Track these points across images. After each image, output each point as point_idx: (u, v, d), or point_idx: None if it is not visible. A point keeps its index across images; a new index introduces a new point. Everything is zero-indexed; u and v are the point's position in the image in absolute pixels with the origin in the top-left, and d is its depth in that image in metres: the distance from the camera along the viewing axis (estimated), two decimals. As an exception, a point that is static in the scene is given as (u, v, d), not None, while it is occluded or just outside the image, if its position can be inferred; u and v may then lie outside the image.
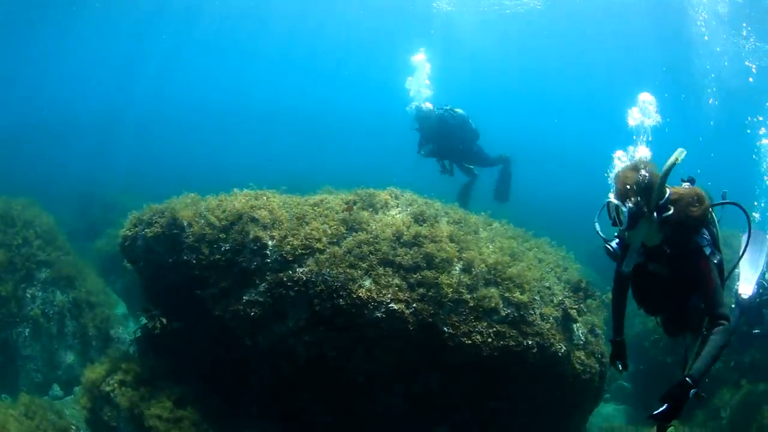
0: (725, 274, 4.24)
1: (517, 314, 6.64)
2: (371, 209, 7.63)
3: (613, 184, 4.03)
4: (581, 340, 7.18)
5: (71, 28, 30.66)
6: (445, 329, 6.42)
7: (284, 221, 7.19)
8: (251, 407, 7.30)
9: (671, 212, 3.87)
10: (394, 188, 8.20)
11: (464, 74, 33.64)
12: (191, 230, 7.40)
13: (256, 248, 6.99)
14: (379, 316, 6.38)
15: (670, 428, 3.71)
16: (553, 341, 6.69)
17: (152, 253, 7.75)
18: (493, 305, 6.58)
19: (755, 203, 11.06)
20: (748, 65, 17.53)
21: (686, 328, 4.36)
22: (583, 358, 7.07)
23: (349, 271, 6.60)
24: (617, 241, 4.13)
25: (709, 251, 3.99)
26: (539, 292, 7.02)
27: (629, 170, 3.93)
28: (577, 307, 7.27)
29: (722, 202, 4.30)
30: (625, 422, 10.55)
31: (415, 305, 6.45)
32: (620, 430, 9.12)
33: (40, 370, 9.75)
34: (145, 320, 8.02)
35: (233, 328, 6.93)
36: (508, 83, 40.45)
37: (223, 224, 7.30)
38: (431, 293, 6.54)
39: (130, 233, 8.12)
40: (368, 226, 7.21)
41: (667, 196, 3.89)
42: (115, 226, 15.62)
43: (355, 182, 8.46)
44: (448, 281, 6.61)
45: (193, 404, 7.03)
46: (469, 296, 6.58)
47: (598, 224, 4.19)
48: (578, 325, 7.24)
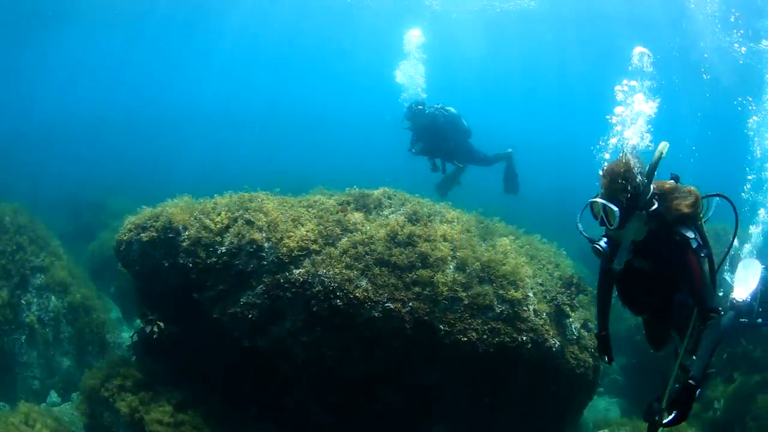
0: (714, 267, 4.19)
1: (511, 311, 6.74)
2: (365, 210, 7.71)
3: (600, 181, 3.96)
4: (574, 335, 7.29)
5: (60, 31, 30.44)
6: (441, 327, 6.51)
7: (280, 223, 7.24)
8: (250, 409, 7.35)
9: (657, 206, 3.88)
10: (386, 188, 8.28)
11: (455, 72, 33.71)
12: (187, 234, 7.43)
13: (252, 251, 7.04)
14: (376, 315, 6.46)
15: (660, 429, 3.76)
16: (547, 337, 6.80)
17: (148, 257, 7.74)
18: (487, 302, 6.68)
19: (746, 186, 11.15)
20: (736, 49, 17.62)
21: (673, 326, 4.33)
22: (576, 352, 7.18)
23: (345, 271, 6.68)
24: (605, 240, 4.05)
25: (695, 245, 3.92)
26: (532, 288, 7.13)
27: (616, 167, 3.86)
28: (569, 302, 7.39)
29: (710, 194, 4.23)
30: (619, 415, 10.64)
31: (411, 304, 6.53)
32: (615, 423, 9.23)
33: (37, 376, 9.65)
34: (141, 324, 8.00)
35: (231, 330, 6.97)
36: (499, 79, 40.53)
37: (218, 227, 7.34)
38: (427, 292, 6.63)
39: (125, 237, 8.03)
40: (363, 226, 7.30)
41: (652, 191, 3.91)
42: (106, 228, 15.47)
43: (347, 182, 8.52)
44: (443, 280, 6.70)
45: (193, 408, 7.05)
46: (463, 294, 6.68)
47: (580, 224, 4.20)
48: (571, 320, 7.35)
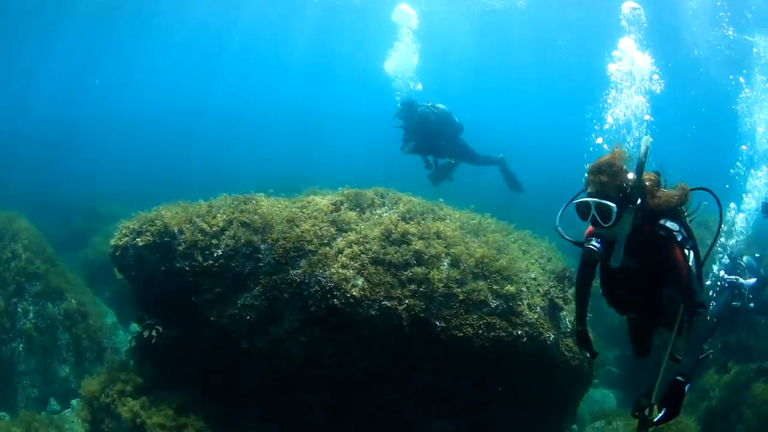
0: (700, 259, 4.17)
1: (505, 306, 6.82)
2: (359, 209, 7.77)
3: (587, 179, 3.91)
4: (568, 327, 7.37)
5: (52, 34, 30.22)
6: (437, 323, 6.58)
7: (275, 225, 7.30)
8: (251, 410, 7.40)
9: (642, 200, 3.84)
10: (378, 187, 8.34)
11: (442, 69, 33.76)
12: (183, 237, 7.47)
13: (248, 252, 7.09)
14: (372, 313, 6.53)
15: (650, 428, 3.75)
16: (541, 330, 6.88)
17: (144, 261, 7.75)
18: (482, 298, 6.76)
19: (733, 169, 11.30)
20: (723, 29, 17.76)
21: (661, 323, 4.26)
22: (571, 345, 7.25)
23: (341, 271, 6.74)
24: (597, 240, 3.94)
25: (680, 237, 3.87)
26: (526, 283, 7.20)
27: (606, 165, 3.85)
28: (562, 296, 7.47)
29: (696, 187, 4.15)
30: (615, 406, 10.75)
31: (407, 301, 6.61)
32: (611, 413, 9.33)
33: (36, 385, 9.65)
34: (139, 329, 8.02)
35: (230, 332, 7.03)
36: (486, 76, 40.61)
37: (214, 230, 7.39)
38: (422, 289, 6.71)
39: (120, 243, 8.01)
40: (357, 226, 7.36)
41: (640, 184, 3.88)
42: (99, 234, 15.46)
43: (338, 181, 8.58)
44: (437, 276, 6.77)
45: (194, 410, 7.09)
46: (458, 290, 6.75)
47: (560, 228, 4.17)
48: (565, 313, 7.43)
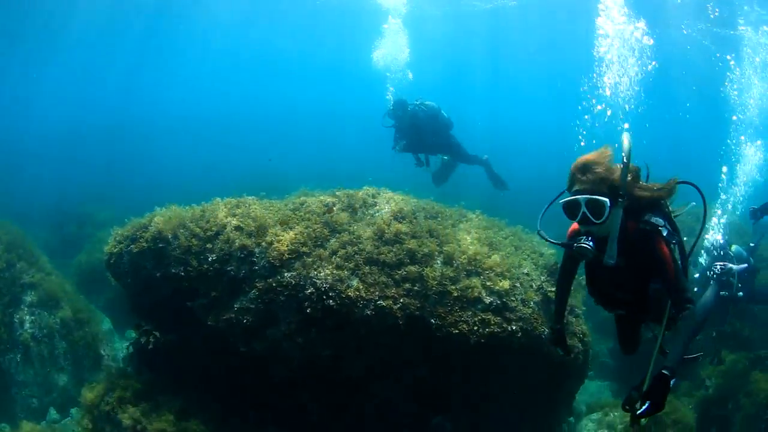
0: (686, 253, 4.18)
1: (499, 301, 6.89)
2: (351, 210, 7.81)
3: (574, 177, 3.89)
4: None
5: (47, 41, 30.05)
6: (432, 321, 6.65)
7: (269, 227, 7.34)
8: (250, 412, 7.44)
9: (627, 195, 3.81)
10: (369, 187, 8.37)
11: (431, 66, 33.83)
12: (177, 243, 7.49)
13: (243, 256, 7.13)
14: (368, 313, 6.59)
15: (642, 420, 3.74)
16: (536, 325, 6.95)
17: (139, 268, 7.76)
18: (476, 295, 6.83)
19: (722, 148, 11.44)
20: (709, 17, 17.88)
21: (649, 319, 4.25)
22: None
23: (336, 272, 6.80)
24: (587, 237, 3.88)
25: (665, 232, 3.83)
26: (519, 278, 7.26)
27: (592, 163, 3.84)
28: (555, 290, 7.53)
29: (681, 181, 4.13)
30: (611, 397, 10.85)
31: (402, 300, 6.67)
32: (607, 405, 9.41)
33: (35, 395, 9.62)
34: (136, 335, 8.04)
35: (227, 336, 7.07)
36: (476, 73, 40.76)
37: (208, 234, 7.41)
38: (416, 287, 6.77)
39: (115, 250, 8.04)
40: (350, 226, 7.41)
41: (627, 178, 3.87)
42: (91, 240, 15.45)
43: (329, 182, 8.62)
44: (431, 275, 6.84)
45: (195, 415, 7.10)
46: (452, 287, 6.82)
47: (542, 231, 4.15)
48: (558, 307, 7.49)
